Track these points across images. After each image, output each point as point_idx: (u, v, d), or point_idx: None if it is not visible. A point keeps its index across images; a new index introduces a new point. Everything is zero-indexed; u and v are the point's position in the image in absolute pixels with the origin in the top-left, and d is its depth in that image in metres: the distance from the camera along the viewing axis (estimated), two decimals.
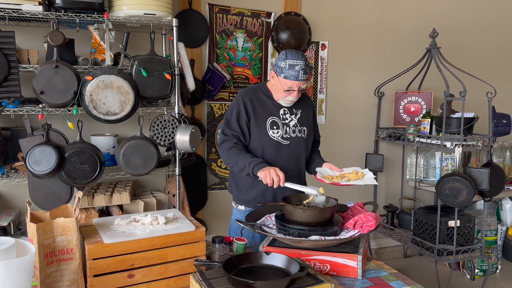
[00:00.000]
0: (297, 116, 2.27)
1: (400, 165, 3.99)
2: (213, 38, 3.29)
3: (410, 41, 3.97)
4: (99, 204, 2.56)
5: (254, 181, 2.20)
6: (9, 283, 1.13)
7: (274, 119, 2.21)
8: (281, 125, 2.22)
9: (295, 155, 2.27)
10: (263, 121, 2.20)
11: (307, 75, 2.11)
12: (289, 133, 2.24)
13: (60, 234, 1.41)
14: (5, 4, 2.28)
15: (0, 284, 1.11)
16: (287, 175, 2.09)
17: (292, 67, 2.07)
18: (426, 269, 3.85)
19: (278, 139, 2.21)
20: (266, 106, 2.22)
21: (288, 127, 2.23)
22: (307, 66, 2.10)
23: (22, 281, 1.17)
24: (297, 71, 2.06)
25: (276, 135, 2.21)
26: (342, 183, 2.04)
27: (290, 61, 2.07)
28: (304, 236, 1.66)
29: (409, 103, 3.77)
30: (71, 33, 2.60)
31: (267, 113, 2.21)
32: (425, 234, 3.31)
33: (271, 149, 2.20)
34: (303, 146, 2.29)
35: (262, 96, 2.24)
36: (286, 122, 2.23)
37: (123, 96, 2.44)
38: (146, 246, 1.52)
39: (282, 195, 2.18)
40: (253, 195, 2.25)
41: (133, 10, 2.50)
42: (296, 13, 3.52)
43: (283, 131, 2.22)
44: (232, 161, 2.14)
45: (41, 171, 2.30)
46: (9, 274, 1.13)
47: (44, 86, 2.31)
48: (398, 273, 1.70)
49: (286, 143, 2.23)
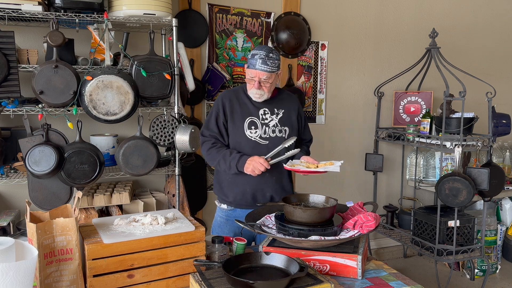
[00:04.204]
0: (278, 116, 2.26)
1: (400, 165, 3.99)
2: (213, 38, 3.29)
3: (409, 41, 3.97)
4: (98, 204, 2.56)
5: (234, 181, 2.24)
6: (17, 284, 1.13)
7: (252, 119, 2.22)
8: (260, 125, 2.22)
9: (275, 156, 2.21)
10: (241, 121, 2.21)
11: (266, 66, 2.08)
12: (269, 133, 2.23)
13: (59, 234, 1.41)
14: (5, 4, 2.28)
15: (8, 285, 1.12)
16: (266, 175, 2.18)
17: (253, 56, 2.11)
18: (426, 269, 3.85)
19: (256, 139, 2.21)
20: (245, 106, 2.23)
21: (267, 127, 2.23)
22: (269, 58, 2.08)
23: (27, 282, 1.17)
24: (255, 60, 2.08)
25: (254, 135, 2.21)
26: (302, 169, 2.02)
27: (254, 51, 2.13)
28: (304, 236, 1.65)
29: (409, 103, 3.77)
30: (70, 33, 2.60)
31: (245, 114, 2.22)
32: (424, 234, 3.31)
33: (249, 149, 2.20)
34: None
35: (242, 97, 2.25)
36: (265, 122, 2.23)
37: (122, 96, 2.44)
38: (146, 246, 1.52)
39: (262, 195, 2.25)
40: (233, 195, 2.26)
41: (133, 10, 2.50)
42: (296, 13, 3.52)
43: (262, 131, 2.22)
44: (214, 161, 2.21)
45: (41, 171, 2.30)
46: (18, 276, 1.13)
47: (44, 86, 2.31)
48: (398, 273, 1.70)
49: (264, 143, 2.22)
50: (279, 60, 2.15)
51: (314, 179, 3.78)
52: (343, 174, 3.92)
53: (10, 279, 1.12)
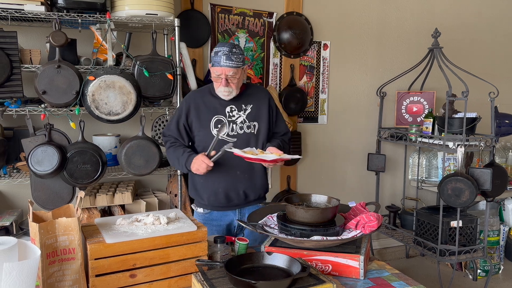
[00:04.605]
0: (246, 112, 2.20)
1: (402, 165, 3.98)
2: (215, 38, 3.29)
3: (412, 41, 3.97)
4: (101, 204, 2.57)
5: (206, 181, 2.22)
6: (20, 283, 1.14)
7: (219, 117, 2.17)
8: (227, 123, 2.17)
9: None
10: (207, 121, 2.17)
11: (231, 61, 2.04)
12: (236, 130, 2.18)
13: (62, 234, 1.41)
14: (8, 4, 2.28)
15: (11, 284, 1.12)
16: (237, 173, 2.18)
17: (216, 53, 2.07)
18: (428, 269, 3.85)
19: (223, 137, 2.16)
20: (211, 105, 2.19)
21: (235, 124, 2.18)
22: (233, 53, 2.04)
23: (30, 282, 1.17)
24: (219, 57, 2.04)
25: (221, 133, 2.16)
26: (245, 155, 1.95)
27: (216, 48, 2.08)
28: (306, 236, 1.65)
29: (411, 103, 3.76)
30: (73, 33, 2.61)
31: (211, 113, 2.18)
32: (427, 234, 3.30)
33: (216, 148, 2.13)
34: (253, 141, 2.21)
35: (208, 96, 2.21)
36: (232, 119, 2.18)
37: (125, 96, 2.44)
38: (148, 246, 1.52)
39: (236, 193, 2.21)
40: (207, 196, 2.23)
41: (135, 10, 2.51)
42: (298, 13, 3.52)
43: (229, 128, 2.17)
44: (171, 160, 2.23)
45: (43, 171, 2.30)
46: (21, 275, 1.13)
47: (46, 86, 2.32)
48: (400, 274, 1.69)
49: (232, 141, 2.17)
50: (243, 54, 2.11)
51: (316, 179, 3.78)
52: (345, 174, 3.91)
53: (13, 278, 1.13)
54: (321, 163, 3.80)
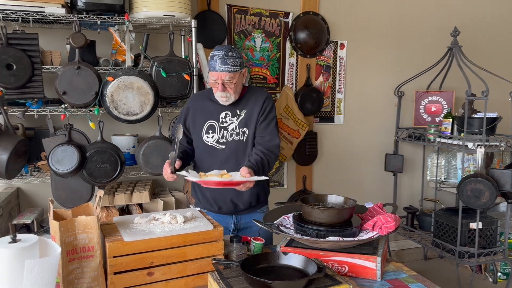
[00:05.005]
0: (239, 118, 2.08)
1: (420, 165, 3.93)
2: (231, 38, 3.30)
3: (430, 40, 3.91)
4: (119, 202, 2.60)
5: (198, 186, 2.16)
6: (41, 279, 1.16)
7: (211, 123, 2.08)
8: (218, 129, 2.07)
9: (232, 160, 2.07)
10: (201, 126, 2.10)
11: (227, 65, 1.93)
12: (226, 137, 2.07)
13: (81, 232, 1.44)
14: (30, 7, 2.33)
15: (33, 280, 1.15)
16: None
17: (212, 57, 1.97)
18: (446, 271, 3.79)
19: (213, 144, 2.07)
20: (207, 110, 2.10)
21: (226, 131, 2.07)
22: (229, 57, 1.93)
23: (51, 278, 1.20)
24: (215, 61, 1.94)
25: (211, 139, 2.08)
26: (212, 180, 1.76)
27: (213, 52, 1.98)
28: (322, 237, 1.65)
29: (430, 103, 3.72)
30: (92, 35, 2.65)
31: (206, 117, 2.09)
32: (445, 236, 3.25)
33: (206, 154, 2.10)
34: (241, 149, 2.08)
35: (205, 100, 2.12)
36: (224, 125, 2.07)
37: (143, 97, 2.47)
38: (165, 244, 1.53)
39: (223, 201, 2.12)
40: (200, 199, 2.20)
41: (153, 12, 2.53)
42: (315, 12, 3.51)
43: (219, 135, 2.07)
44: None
45: (63, 170, 2.35)
46: (42, 271, 1.16)
47: (67, 86, 2.36)
48: (418, 275, 1.67)
49: (221, 148, 2.07)
50: (241, 58, 2.00)
51: (332, 179, 3.76)
52: (362, 175, 3.88)
53: (34, 275, 1.16)
54: (337, 163, 3.78)
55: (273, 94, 3.48)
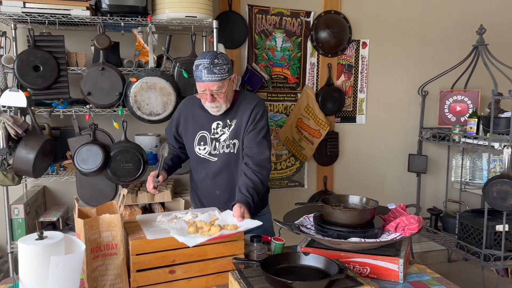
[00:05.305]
0: (230, 128, 1.96)
1: (445, 166, 3.85)
2: (252, 38, 3.31)
3: (455, 38, 3.83)
4: (142, 201, 2.64)
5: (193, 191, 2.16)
6: (66, 275, 1.19)
7: (203, 133, 1.99)
8: (210, 141, 1.97)
9: (225, 173, 2.00)
10: (193, 136, 2.01)
11: (213, 75, 1.80)
12: (218, 149, 1.97)
13: (105, 230, 1.47)
14: (56, 10, 2.39)
15: (58, 276, 1.18)
16: (216, 192, 2.02)
17: (197, 67, 1.84)
18: (471, 274, 3.70)
19: (205, 156, 1.99)
20: (199, 119, 2.00)
21: (218, 142, 1.97)
22: (215, 65, 1.80)
23: (75, 275, 1.23)
24: (200, 71, 1.81)
25: (203, 152, 1.99)
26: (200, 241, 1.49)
27: (197, 61, 1.84)
28: (343, 238, 1.64)
29: (455, 102, 3.64)
30: (116, 37, 2.70)
31: (197, 127, 2.00)
32: (470, 238, 3.18)
33: (199, 166, 2.04)
34: (233, 162, 1.98)
35: (197, 108, 2.00)
36: (216, 137, 1.97)
37: (165, 97, 2.51)
38: None
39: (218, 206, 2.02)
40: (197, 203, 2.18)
41: (175, 13, 2.56)
42: (336, 11, 3.48)
43: (212, 147, 1.97)
44: None
45: (88, 169, 2.40)
46: (67, 268, 1.19)
47: (91, 87, 2.41)
48: (442, 278, 1.64)
49: (213, 160, 1.99)
50: (228, 63, 1.85)
51: (354, 180, 3.72)
52: (385, 176, 3.83)
53: (59, 271, 1.18)
54: (359, 163, 3.74)
55: (293, 94, 3.47)
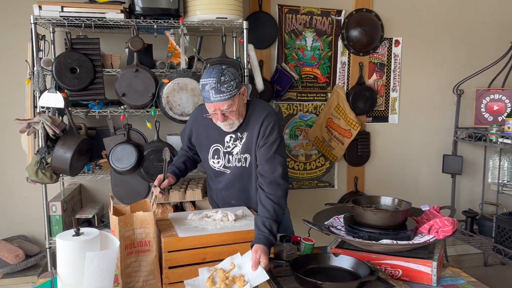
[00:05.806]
0: (242, 141, 1.90)
1: (481, 167, 3.73)
2: (282, 38, 3.31)
3: (492, 35, 3.70)
4: (173, 200, 2.69)
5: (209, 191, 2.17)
6: (100, 271, 1.24)
7: (217, 147, 1.95)
8: (223, 154, 1.94)
9: (238, 184, 1.98)
10: (206, 149, 1.98)
11: (221, 94, 1.71)
12: (232, 162, 1.94)
13: (139, 227, 1.51)
14: (92, 13, 2.47)
15: (93, 272, 1.23)
16: (232, 203, 2.01)
17: (203, 87, 1.74)
18: (509, 279, 3.57)
19: (220, 169, 1.97)
20: (212, 131, 1.94)
21: (231, 155, 1.93)
22: (222, 83, 1.70)
23: (110, 270, 1.27)
24: (207, 92, 1.72)
25: (217, 165, 1.97)
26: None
27: (203, 80, 1.75)
28: (375, 240, 1.61)
29: (492, 101, 3.52)
30: (149, 39, 2.76)
31: (210, 140, 1.96)
32: (508, 242, 3.07)
33: (215, 177, 2.04)
34: (246, 175, 1.94)
35: (209, 120, 1.91)
36: (228, 150, 1.93)
37: (196, 98, 2.55)
38: (217, 241, 1.57)
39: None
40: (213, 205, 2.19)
41: (206, 15, 2.59)
42: (368, 9, 3.43)
43: (225, 160, 1.94)
44: None
45: (122, 168, 2.47)
46: (101, 263, 1.23)
47: (126, 88, 2.47)
48: (477, 282, 1.60)
49: (227, 172, 1.97)
50: (236, 78, 1.76)
51: (385, 180, 3.66)
52: (418, 177, 3.75)
53: (95, 266, 1.23)
54: (391, 164, 3.67)
55: (323, 94, 3.45)
